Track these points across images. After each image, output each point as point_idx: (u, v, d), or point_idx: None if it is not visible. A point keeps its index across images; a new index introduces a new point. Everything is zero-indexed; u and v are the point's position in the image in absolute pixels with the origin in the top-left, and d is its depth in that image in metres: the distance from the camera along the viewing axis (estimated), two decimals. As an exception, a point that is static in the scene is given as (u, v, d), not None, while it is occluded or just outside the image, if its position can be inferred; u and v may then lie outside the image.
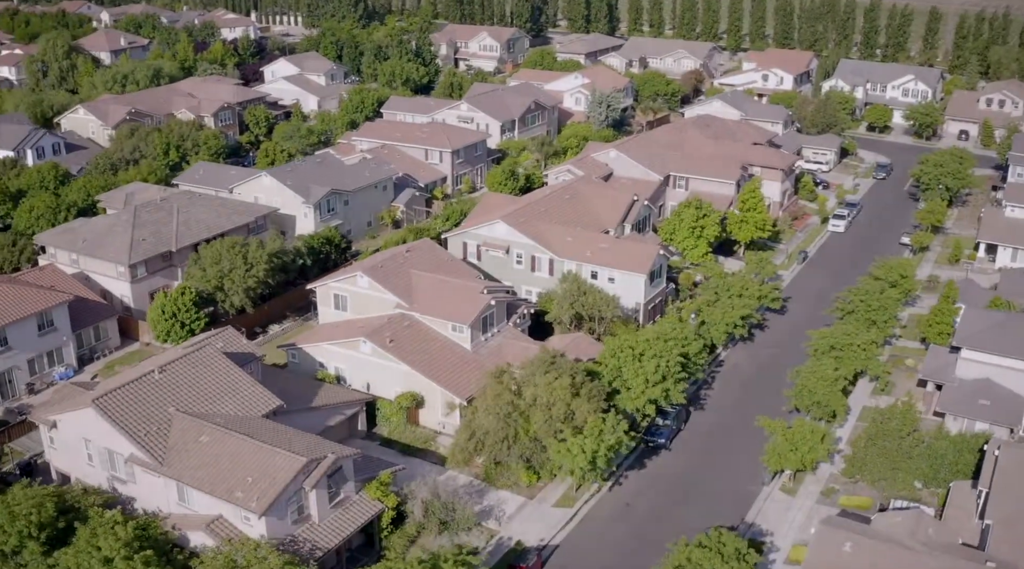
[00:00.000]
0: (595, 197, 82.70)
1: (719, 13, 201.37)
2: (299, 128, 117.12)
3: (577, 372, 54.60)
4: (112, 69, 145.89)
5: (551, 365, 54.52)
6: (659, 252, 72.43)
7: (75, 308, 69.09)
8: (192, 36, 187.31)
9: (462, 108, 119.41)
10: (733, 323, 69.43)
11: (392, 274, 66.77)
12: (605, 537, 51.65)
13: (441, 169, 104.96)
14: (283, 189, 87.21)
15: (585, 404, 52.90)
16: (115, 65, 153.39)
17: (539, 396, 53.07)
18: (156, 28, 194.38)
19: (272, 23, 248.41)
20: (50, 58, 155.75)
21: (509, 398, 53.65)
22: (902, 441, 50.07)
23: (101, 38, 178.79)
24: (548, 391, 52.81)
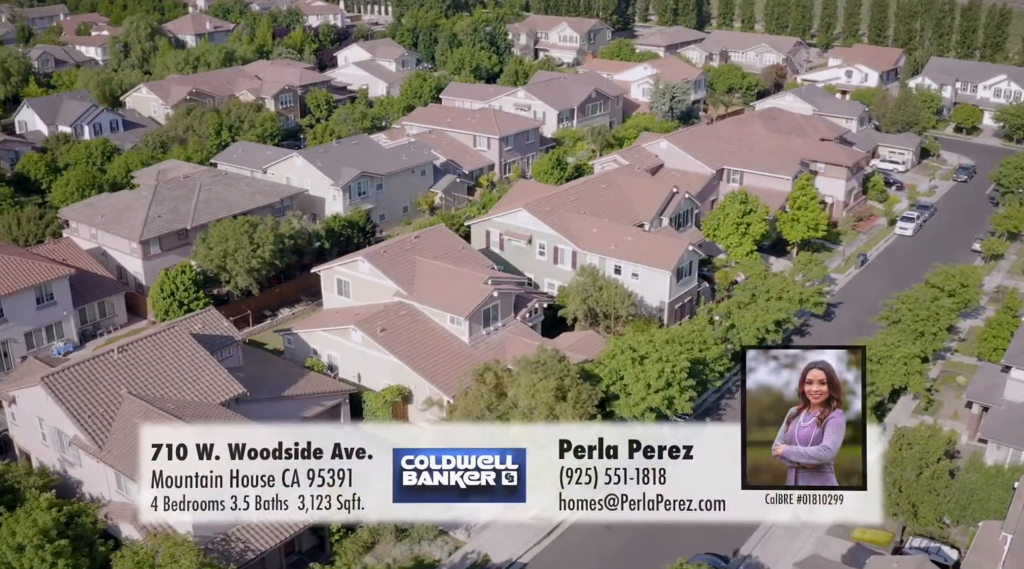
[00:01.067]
0: (632, 188, 76.52)
1: (811, 10, 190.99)
2: (353, 111, 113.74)
3: (568, 374, 48.94)
4: (185, 51, 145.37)
5: (539, 365, 49.01)
6: (688, 248, 65.98)
7: (81, 283, 66.52)
8: (278, 22, 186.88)
9: (519, 95, 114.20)
10: (765, 328, 62.56)
11: (395, 260, 62.10)
12: (583, 557, 45.98)
13: (488, 156, 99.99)
14: (313, 170, 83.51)
15: (570, 410, 47.18)
16: (189, 48, 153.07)
17: (520, 398, 47.67)
18: (243, 13, 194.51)
19: (362, 12, 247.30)
20: (132, 39, 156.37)
21: (489, 399, 48.40)
22: (923, 471, 42.88)
23: (188, 22, 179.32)
24: (530, 394, 47.34)
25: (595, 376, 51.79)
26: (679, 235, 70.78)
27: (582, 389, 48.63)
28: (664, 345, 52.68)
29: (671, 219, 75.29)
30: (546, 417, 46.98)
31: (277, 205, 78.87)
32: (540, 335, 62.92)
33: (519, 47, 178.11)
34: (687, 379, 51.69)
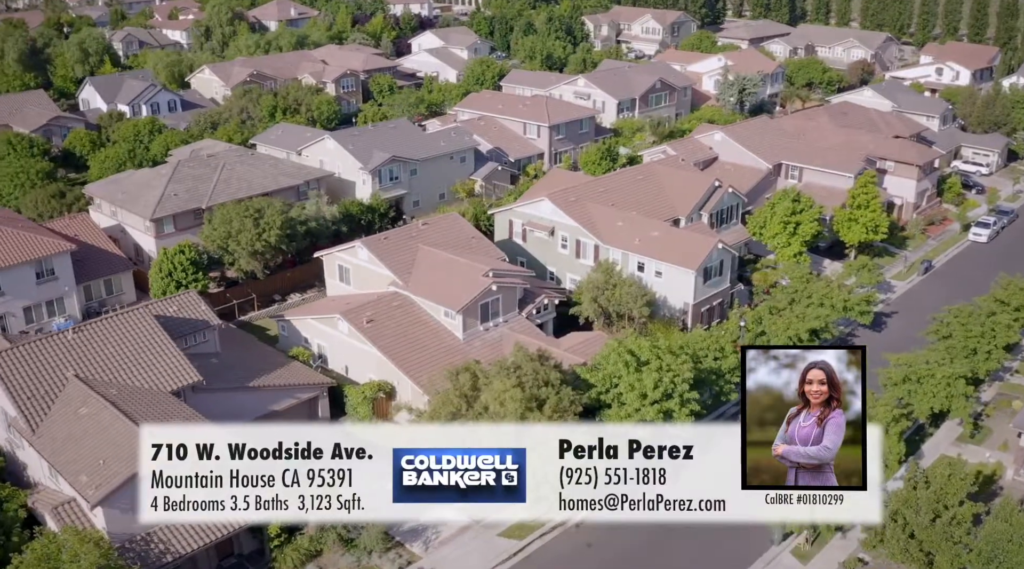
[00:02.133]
0: (671, 180, 70.06)
1: (910, 6, 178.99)
2: (409, 97, 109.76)
3: (547, 379, 43.37)
4: (258, 35, 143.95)
5: (513, 368, 43.59)
6: (718, 246, 59.36)
7: (88, 259, 63.81)
8: (361, 9, 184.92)
9: (579, 83, 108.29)
10: (798, 336, 55.69)
11: (396, 248, 57.39)
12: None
13: (538, 145, 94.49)
14: (344, 153, 79.50)
15: (545, 420, 41.69)
16: (261, 33, 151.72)
17: (489, 405, 42.35)
18: (328, 0, 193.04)
19: (453, 2, 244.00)
20: (214, 24, 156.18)
21: (459, 404, 43.23)
22: (942, 514, 35.88)
23: (273, 8, 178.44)
24: (498, 401, 41.99)
25: (585, 381, 46.09)
26: (710, 231, 64.10)
27: (564, 395, 43.03)
28: (667, 353, 46.54)
29: (712, 215, 68.59)
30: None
31: (302, 187, 75.12)
32: (547, 334, 57.48)
33: (600, 38, 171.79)
34: (690, 391, 45.49)
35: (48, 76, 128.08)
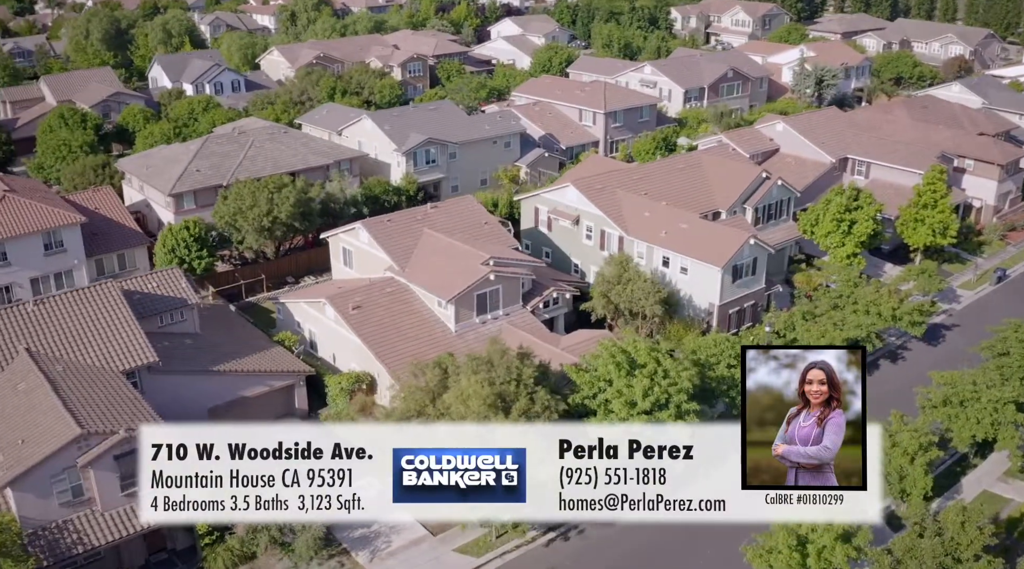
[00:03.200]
0: (715, 170, 63.63)
1: (1019, 5, 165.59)
2: (471, 82, 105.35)
3: (519, 378, 38.19)
4: (334, 19, 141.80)
5: (483, 363, 38.54)
6: (750, 241, 52.91)
7: (103, 232, 61.35)
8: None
9: (645, 71, 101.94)
10: (832, 345, 48.95)
11: (398, 231, 52.92)
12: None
13: (593, 132, 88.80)
14: (380, 134, 75.53)
15: (508, 423, 36.53)
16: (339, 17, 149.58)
17: (451, 405, 37.44)
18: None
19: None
20: (299, 8, 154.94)
21: (422, 402, 38.45)
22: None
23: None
24: (461, 400, 37.04)
25: (573, 384, 40.69)
26: (748, 226, 57.54)
27: (539, 398, 37.79)
28: (667, 357, 40.74)
29: (758, 210, 61.93)
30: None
31: (332, 167, 71.43)
32: (558, 331, 52.23)
33: (689, 30, 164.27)
34: (689, 402, 39.62)
35: (129, 56, 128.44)
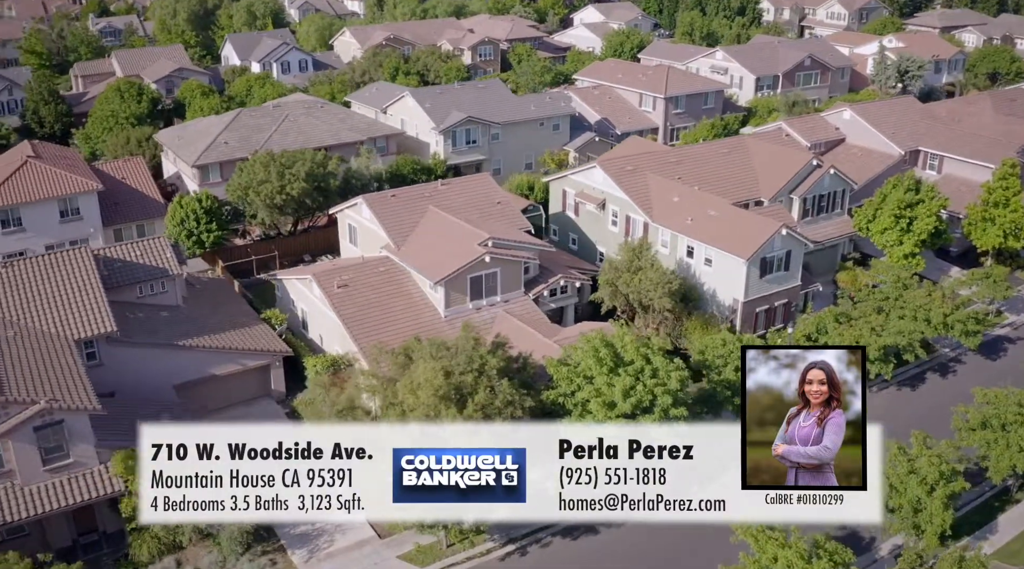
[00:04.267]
0: (761, 156, 57.53)
1: None
2: (535, 65, 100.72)
3: (483, 369, 33.67)
4: (415, 3, 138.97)
5: (447, 352, 34.14)
6: (781, 232, 46.89)
7: (124, 202, 59.57)
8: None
9: (716, 56, 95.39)
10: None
11: (401, 208, 48.95)
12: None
13: (652, 118, 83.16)
14: (420, 112, 71.74)
15: (459, 419, 32.07)
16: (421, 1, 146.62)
17: (400, 392, 33.19)
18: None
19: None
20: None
21: (374, 390, 34.32)
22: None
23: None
24: (410, 389, 32.75)
25: (550, 379, 35.96)
26: (786, 215, 51.38)
27: (502, 393, 33.20)
28: (659, 355, 35.57)
29: (806, 200, 55.64)
30: (424, 422, 32.21)
31: (367, 144, 68.09)
32: (567, 322, 47.45)
33: (783, 22, 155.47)
34: (677, 408, 34.34)
35: (211, 36, 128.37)
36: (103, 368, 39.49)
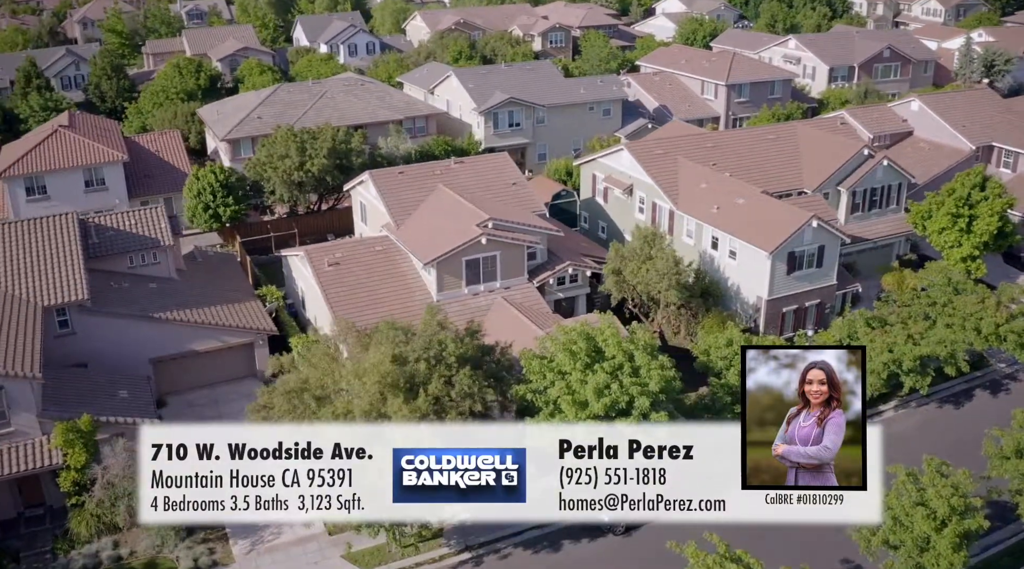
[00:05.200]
0: (809, 143, 52.34)
1: None
2: (600, 51, 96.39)
3: (443, 357, 30.25)
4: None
5: (405, 335, 30.82)
6: (811, 224, 41.90)
7: (153, 174, 58.43)
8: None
9: (789, 45, 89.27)
10: (897, 363, 37.77)
11: (407, 185, 45.85)
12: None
13: (713, 106, 78.04)
14: (463, 92, 68.55)
15: (404, 409, 28.75)
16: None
17: (343, 379, 30.03)
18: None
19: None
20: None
21: (324, 373, 31.25)
22: None
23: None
24: (356, 375, 29.58)
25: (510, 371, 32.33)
26: (824, 205, 46.26)
27: (459, 384, 29.76)
28: (645, 352, 31.52)
29: (855, 194, 50.27)
30: (368, 413, 29.03)
31: (406, 123, 65.37)
32: (569, 312, 43.59)
33: (873, 18, 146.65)
34: (657, 413, 30.31)
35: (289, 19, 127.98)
36: (76, 337, 37.66)
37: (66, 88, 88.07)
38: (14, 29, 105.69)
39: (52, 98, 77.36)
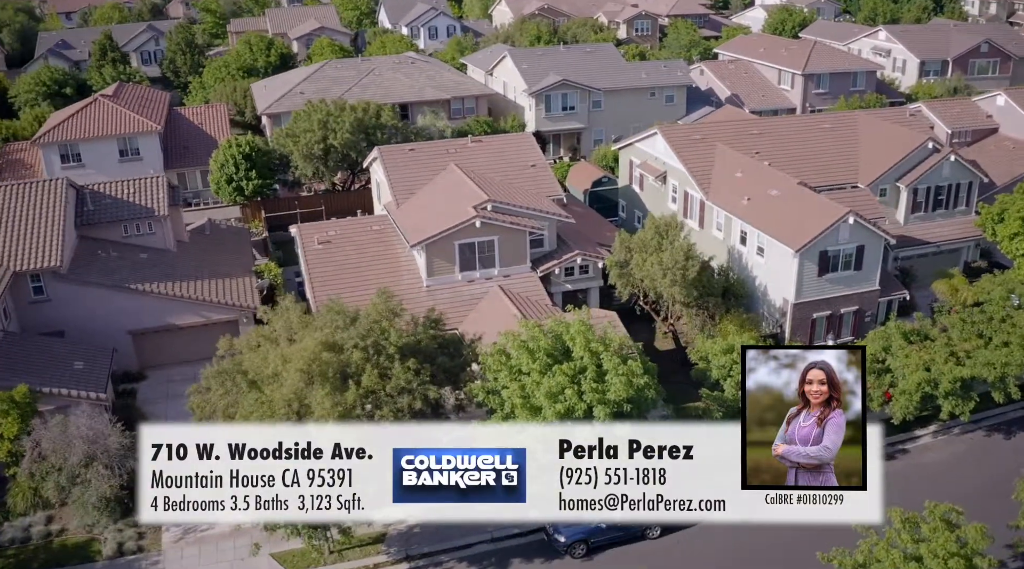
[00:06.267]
0: (869, 134, 46.48)
1: None
2: (682, 39, 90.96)
3: (383, 347, 26.80)
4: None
5: (346, 320, 27.47)
6: (848, 220, 36.39)
7: (193, 147, 57.11)
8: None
9: (879, 36, 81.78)
10: (933, 383, 32.28)
11: (416, 162, 42.56)
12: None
13: (790, 97, 71.91)
14: (515, 73, 64.77)
15: (327, 401, 25.43)
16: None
17: (272, 365, 26.90)
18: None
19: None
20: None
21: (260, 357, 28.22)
22: None
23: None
24: (281, 361, 26.43)
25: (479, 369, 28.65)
26: (872, 200, 40.51)
27: (398, 376, 26.30)
28: (612, 353, 27.33)
29: (917, 191, 44.30)
30: (289, 400, 25.86)
31: (455, 103, 62.13)
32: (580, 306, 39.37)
33: (986, 16, 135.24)
34: (621, 425, 26.08)
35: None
36: (51, 304, 35.93)
37: (146, 63, 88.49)
38: (111, 6, 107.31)
39: (125, 71, 77.40)
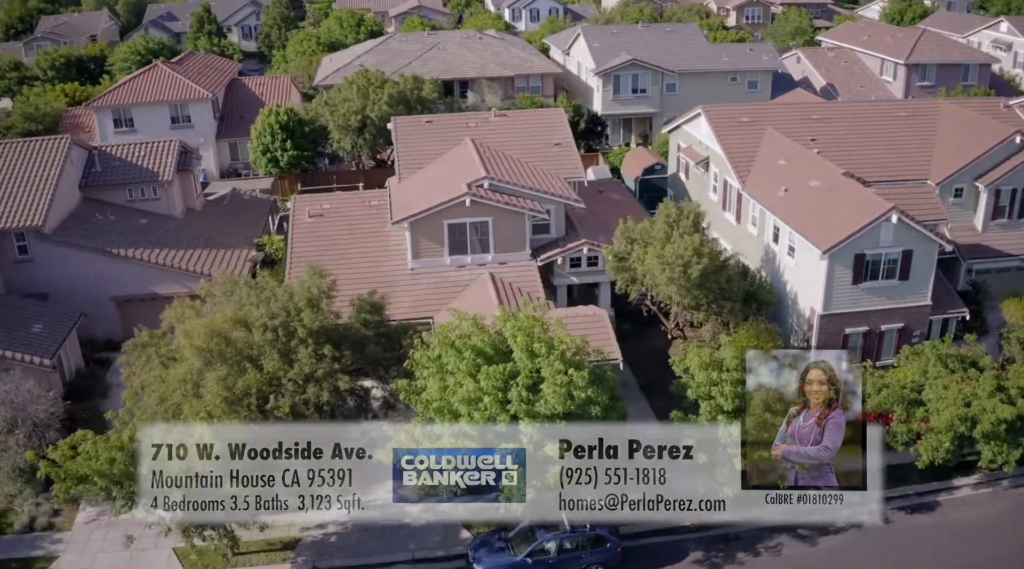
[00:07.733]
0: (949, 125, 39.56)
1: None
2: (787, 25, 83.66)
3: (294, 328, 23.38)
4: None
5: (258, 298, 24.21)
6: (890, 219, 30.17)
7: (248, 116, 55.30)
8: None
9: (1000, 28, 72.28)
10: (970, 421, 26.17)
11: (430, 135, 38.91)
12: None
13: (892, 89, 64.12)
14: (586, 52, 60.04)
15: (214, 387, 22.23)
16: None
17: (177, 343, 23.93)
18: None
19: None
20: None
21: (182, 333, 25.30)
22: None
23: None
24: (186, 337, 23.40)
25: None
26: (933, 198, 33.86)
27: (302, 364, 22.90)
28: (558, 354, 22.96)
29: (999, 193, 37.29)
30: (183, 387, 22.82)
31: (518, 82, 58.18)
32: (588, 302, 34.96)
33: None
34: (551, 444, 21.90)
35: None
36: (34, 265, 34.46)
37: (246, 37, 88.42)
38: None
39: (220, 43, 77.14)
